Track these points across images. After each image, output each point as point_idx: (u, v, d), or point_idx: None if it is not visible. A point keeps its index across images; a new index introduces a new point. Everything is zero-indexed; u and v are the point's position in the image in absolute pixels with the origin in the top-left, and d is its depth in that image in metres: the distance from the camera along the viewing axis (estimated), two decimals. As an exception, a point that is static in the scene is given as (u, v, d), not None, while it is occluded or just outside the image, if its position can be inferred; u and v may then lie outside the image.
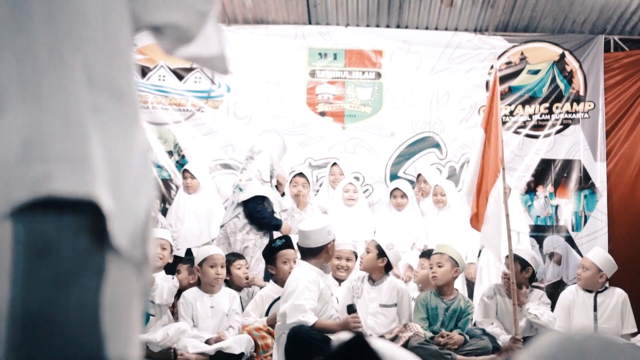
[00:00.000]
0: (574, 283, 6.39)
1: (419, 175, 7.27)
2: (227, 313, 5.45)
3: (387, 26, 7.91)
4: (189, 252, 6.64)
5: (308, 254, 4.92)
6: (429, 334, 5.42)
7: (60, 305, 0.97)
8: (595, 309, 5.88)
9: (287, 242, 5.68)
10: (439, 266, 5.59)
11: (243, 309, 5.67)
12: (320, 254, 4.92)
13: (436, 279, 5.58)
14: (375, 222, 6.90)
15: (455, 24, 7.84)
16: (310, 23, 7.89)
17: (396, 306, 5.56)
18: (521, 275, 5.76)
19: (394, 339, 5.21)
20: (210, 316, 5.40)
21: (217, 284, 5.53)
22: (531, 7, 7.51)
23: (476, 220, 5.54)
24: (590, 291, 5.96)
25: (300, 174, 6.89)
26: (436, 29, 7.90)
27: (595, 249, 6.25)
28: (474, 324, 5.71)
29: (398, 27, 7.91)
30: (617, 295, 5.92)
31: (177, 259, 6.27)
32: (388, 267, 5.63)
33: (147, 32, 1.35)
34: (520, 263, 5.76)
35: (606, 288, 5.99)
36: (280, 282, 5.43)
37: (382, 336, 5.27)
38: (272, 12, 7.72)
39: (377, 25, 7.91)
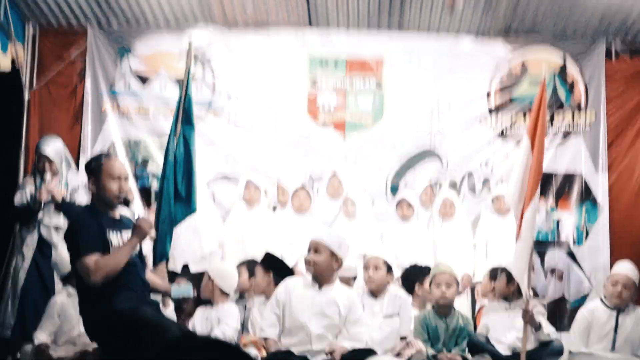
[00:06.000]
0: (576, 299, 6.36)
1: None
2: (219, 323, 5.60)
3: (388, 27, 7.85)
4: (185, 268, 6.66)
5: None
6: (431, 352, 5.46)
7: None
8: (616, 330, 5.72)
9: None
10: (449, 286, 5.60)
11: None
12: None
13: (447, 299, 5.60)
14: (379, 235, 6.93)
15: (457, 27, 7.79)
16: (310, 24, 7.83)
17: (399, 315, 5.59)
18: (507, 288, 5.79)
19: (396, 356, 5.25)
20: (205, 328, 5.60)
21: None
22: (532, 11, 7.47)
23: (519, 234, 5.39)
24: (612, 308, 5.80)
25: (302, 188, 6.95)
26: (437, 31, 7.86)
27: (626, 264, 5.98)
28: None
29: (399, 28, 7.86)
30: (638, 315, 5.78)
31: (174, 275, 6.27)
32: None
33: None
34: (507, 276, 5.79)
35: (628, 306, 5.82)
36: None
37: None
38: (272, 14, 7.67)
39: (379, 26, 7.86)
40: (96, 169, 4.40)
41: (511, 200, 5.48)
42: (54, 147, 6.65)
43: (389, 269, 5.70)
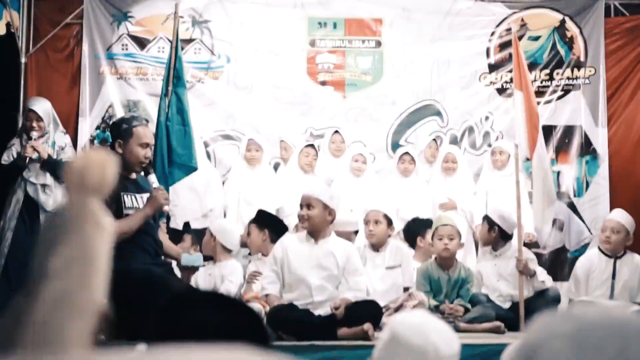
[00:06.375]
0: (577, 249, 6.36)
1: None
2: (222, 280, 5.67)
3: (387, -7, 7.85)
4: (186, 225, 6.65)
5: None
6: (433, 303, 5.49)
7: None
8: (613, 277, 5.75)
9: None
10: (451, 239, 5.63)
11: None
12: None
13: (449, 251, 5.63)
14: (381, 190, 6.94)
15: (455, -8, 7.77)
16: (309, -8, 7.82)
17: (400, 267, 5.63)
18: (488, 235, 5.80)
19: (399, 308, 5.28)
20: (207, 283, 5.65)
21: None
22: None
23: None
24: (610, 256, 5.84)
25: (311, 146, 6.98)
26: (436, -5, 7.84)
27: (618, 211, 6.10)
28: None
29: (398, -6, 7.85)
30: (636, 262, 5.80)
31: (176, 232, 6.28)
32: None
33: None
34: (489, 223, 5.80)
35: (625, 253, 5.86)
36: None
37: (386, 306, 5.35)
38: (271, -19, 7.65)
39: (377, -7, 7.85)
40: (126, 132, 4.44)
41: (522, 154, 5.55)
42: (43, 106, 6.57)
43: (389, 222, 5.73)
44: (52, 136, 6.55)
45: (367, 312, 4.98)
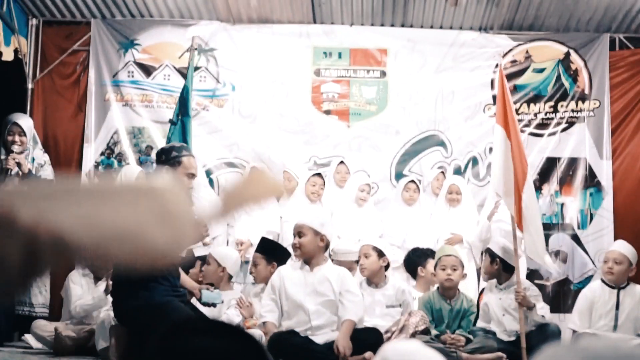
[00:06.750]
0: (580, 281, 6.32)
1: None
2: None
3: (392, 25, 7.92)
4: (189, 251, 6.64)
5: None
6: (435, 332, 5.44)
7: None
8: (617, 307, 5.70)
9: None
10: (454, 269, 5.59)
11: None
12: None
13: (452, 282, 5.59)
14: (383, 220, 6.91)
15: (460, 23, 7.82)
16: (315, 22, 7.90)
17: (401, 307, 5.57)
18: (491, 267, 5.74)
19: (402, 329, 5.24)
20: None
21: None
22: (536, 5, 7.49)
23: (520, 225, 5.39)
24: (613, 287, 5.78)
25: (319, 175, 6.96)
26: (441, 27, 7.89)
27: (620, 242, 6.06)
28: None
29: (403, 26, 7.91)
30: (639, 293, 5.75)
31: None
32: (386, 266, 5.67)
33: None
34: (490, 256, 5.75)
35: (628, 284, 5.81)
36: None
37: (389, 329, 5.31)
38: (276, 11, 7.72)
39: (382, 24, 7.92)
40: (175, 160, 4.51)
41: (499, 189, 5.51)
42: (26, 122, 6.60)
43: (380, 254, 5.65)
44: (31, 152, 6.57)
45: (368, 340, 4.94)
